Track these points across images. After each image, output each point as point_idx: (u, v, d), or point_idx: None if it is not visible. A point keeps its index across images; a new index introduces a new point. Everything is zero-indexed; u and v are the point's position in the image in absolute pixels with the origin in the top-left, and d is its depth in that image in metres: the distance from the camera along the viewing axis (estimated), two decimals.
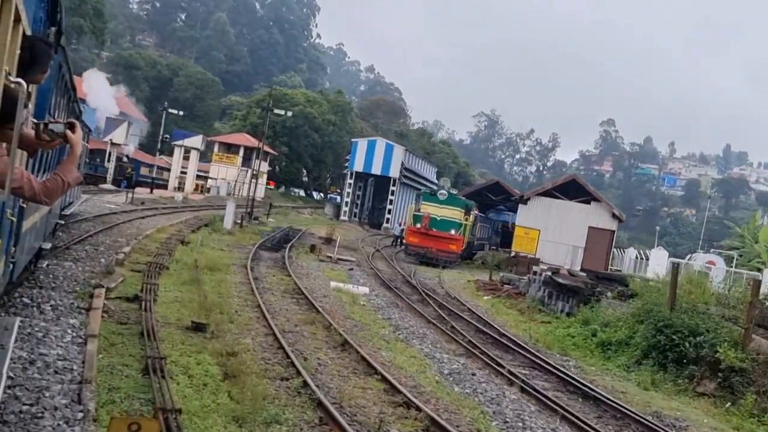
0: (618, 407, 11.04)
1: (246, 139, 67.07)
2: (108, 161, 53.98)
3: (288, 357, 10.30)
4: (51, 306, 10.63)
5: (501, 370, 12.35)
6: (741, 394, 12.49)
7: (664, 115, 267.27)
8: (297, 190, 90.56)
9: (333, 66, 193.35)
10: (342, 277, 22.84)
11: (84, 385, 7.01)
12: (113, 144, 54.47)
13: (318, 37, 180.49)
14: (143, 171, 57.17)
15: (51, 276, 13.08)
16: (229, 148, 67.73)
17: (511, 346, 15.21)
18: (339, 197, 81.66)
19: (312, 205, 78.33)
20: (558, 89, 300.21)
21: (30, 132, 3.42)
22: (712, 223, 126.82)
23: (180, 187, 56.81)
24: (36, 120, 3.69)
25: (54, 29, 6.92)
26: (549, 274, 23.27)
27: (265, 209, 49.40)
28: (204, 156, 64.95)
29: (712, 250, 60.35)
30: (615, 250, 47.18)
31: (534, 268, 26.31)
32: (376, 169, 65.14)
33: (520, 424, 9.56)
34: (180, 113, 63.89)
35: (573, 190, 43.42)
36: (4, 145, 3.16)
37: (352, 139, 71.24)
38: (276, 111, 48.95)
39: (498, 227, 58.02)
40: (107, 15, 76.94)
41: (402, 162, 65.06)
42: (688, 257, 49.41)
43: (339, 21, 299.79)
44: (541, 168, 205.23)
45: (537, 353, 14.90)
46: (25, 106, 3.15)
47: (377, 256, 35.18)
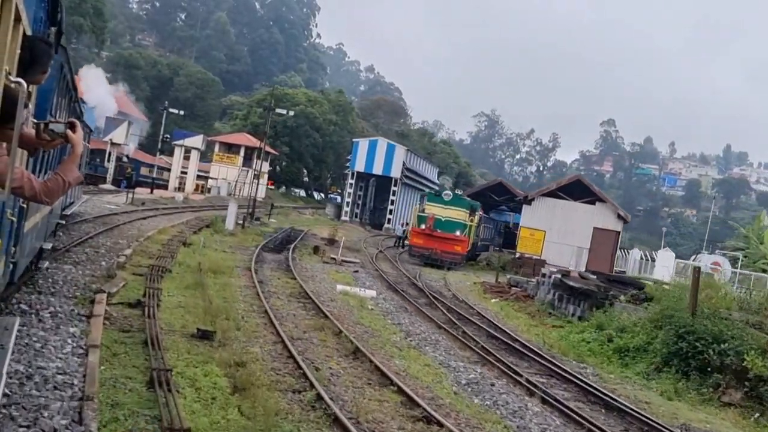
0: (645, 419, 10.54)
1: (247, 139, 66.55)
2: (108, 161, 53.47)
3: (299, 367, 9.80)
4: (50, 313, 10.14)
5: (519, 379, 11.85)
6: None
7: (664, 115, 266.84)
8: (297, 190, 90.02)
9: (333, 66, 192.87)
10: (347, 280, 22.41)
11: (85, 403, 6.51)
12: (113, 144, 53.97)
13: (318, 37, 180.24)
14: (143, 171, 56.65)
15: (50, 280, 12.60)
16: (230, 148, 67.18)
17: (526, 352, 14.73)
18: (339, 197, 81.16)
19: (313, 206, 77.84)
20: (558, 89, 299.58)
21: (30, 131, 3.42)
22: (713, 224, 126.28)
23: (180, 188, 56.33)
24: (37, 120, 3.66)
25: (54, 29, 6.84)
26: (559, 276, 22.78)
27: (266, 209, 48.89)
28: (204, 156, 64.42)
29: (717, 251, 59.90)
30: (619, 251, 46.68)
31: (542, 270, 25.80)
32: (377, 169, 64.55)
33: None
34: (180, 113, 63.41)
35: (578, 190, 42.94)
36: (4, 145, 3.16)
37: (353, 139, 70.64)
38: (278, 110, 48.45)
39: (500, 228, 57.43)
40: (107, 14, 76.50)
41: (403, 162, 64.47)
42: (692, 258, 48.95)
43: (339, 21, 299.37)
44: (542, 168, 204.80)
45: (552, 359, 14.42)
46: (26, 106, 3.16)
47: (381, 257, 34.73)
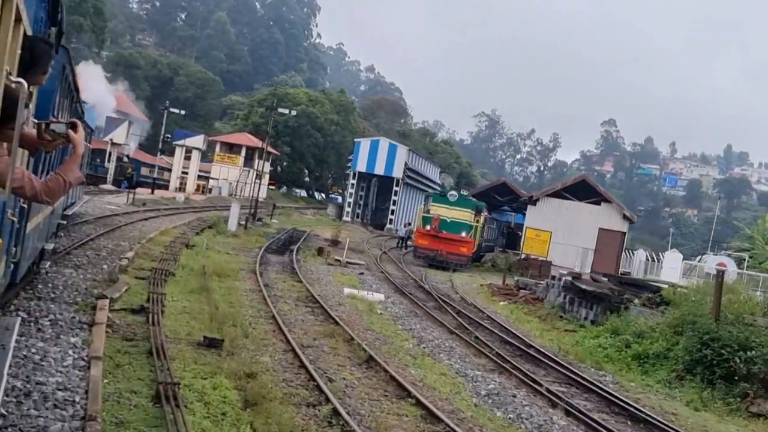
0: None
1: (248, 139, 66.02)
2: (108, 161, 52.96)
3: (312, 378, 9.31)
4: (50, 321, 9.65)
5: (539, 389, 11.36)
6: None
7: (664, 115, 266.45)
8: (299, 190, 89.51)
9: (333, 66, 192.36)
10: (354, 283, 21.94)
11: (87, 423, 6.02)
12: (114, 144, 53.46)
13: (318, 37, 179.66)
14: (144, 171, 56.16)
15: (50, 285, 12.11)
16: (231, 148, 66.63)
17: (542, 359, 14.24)
18: (341, 197, 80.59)
19: (314, 206, 77.35)
20: (559, 89, 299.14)
21: (32, 131, 3.40)
22: (714, 224, 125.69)
23: (181, 188, 55.83)
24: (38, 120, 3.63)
25: (55, 29, 6.74)
26: (569, 279, 22.28)
27: (268, 210, 48.39)
28: (205, 156, 63.91)
29: (723, 252, 59.33)
30: (623, 251, 46.17)
31: (552, 272, 25.30)
32: (379, 170, 63.98)
33: None
34: (181, 112, 62.90)
35: (583, 190, 42.47)
36: (5, 145, 3.15)
37: (354, 139, 70.10)
38: (280, 110, 47.96)
39: (503, 228, 56.89)
40: (107, 14, 76.04)
41: (405, 162, 63.88)
42: (697, 259, 48.47)
43: (339, 21, 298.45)
44: (542, 168, 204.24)
45: (569, 366, 13.94)
46: (26, 106, 3.14)
47: (385, 258, 34.25)
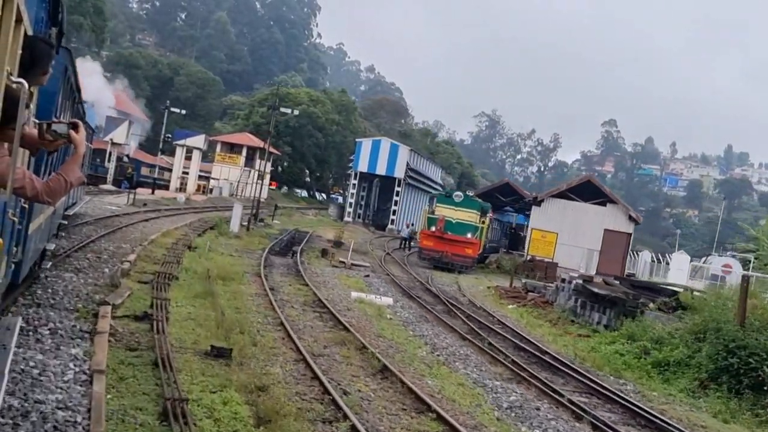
0: None
1: (249, 139, 65.53)
2: (108, 161, 52.45)
3: (326, 391, 8.81)
4: (49, 330, 9.15)
5: (561, 399, 10.87)
6: None
7: (665, 115, 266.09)
8: (299, 190, 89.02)
9: (333, 66, 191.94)
10: (360, 285, 21.47)
11: None
12: (114, 143, 52.95)
13: (318, 37, 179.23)
14: (144, 171, 55.64)
15: (50, 290, 11.61)
16: (232, 147, 66.15)
17: (559, 366, 13.75)
18: (341, 198, 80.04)
19: (315, 206, 76.88)
20: (559, 89, 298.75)
21: (33, 132, 3.38)
22: (714, 224, 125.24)
23: (182, 188, 55.32)
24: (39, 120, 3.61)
25: (55, 30, 6.62)
26: (580, 282, 21.78)
27: (270, 210, 47.90)
28: (205, 156, 63.41)
29: (727, 253, 58.80)
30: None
31: (562, 275, 24.80)
32: (380, 170, 63.46)
33: None
34: (182, 112, 62.40)
35: (588, 191, 41.98)
36: (6, 146, 3.14)
37: (356, 139, 69.59)
38: (282, 109, 47.47)
39: (506, 229, 56.39)
40: (107, 13, 75.60)
41: (407, 162, 63.37)
42: (702, 260, 47.98)
43: (339, 21, 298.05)
44: (543, 168, 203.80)
45: (587, 374, 13.46)
46: (27, 106, 3.12)
47: (389, 260, 33.78)
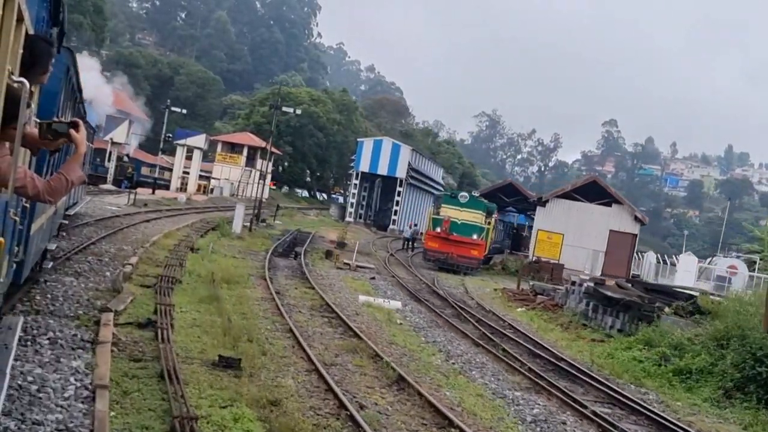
0: None
1: (250, 139, 65.06)
2: (108, 161, 51.97)
3: (342, 405, 8.32)
4: (49, 339, 8.65)
5: (585, 411, 10.39)
6: None
7: (665, 115, 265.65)
8: (300, 190, 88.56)
9: (333, 65, 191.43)
10: (367, 288, 21.02)
11: None
12: (114, 143, 52.46)
13: (319, 37, 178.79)
14: (144, 171, 55.18)
15: (49, 296, 11.12)
16: (233, 147, 65.68)
17: (577, 374, 13.26)
18: (342, 198, 79.54)
19: (316, 206, 76.40)
20: (559, 89, 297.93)
21: (34, 131, 3.38)
22: (715, 224, 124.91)
23: (182, 188, 54.84)
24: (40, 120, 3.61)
25: (56, 29, 6.54)
26: (592, 285, 21.31)
27: (271, 211, 47.39)
28: (206, 156, 62.93)
29: (732, 254, 58.35)
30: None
31: (572, 278, 24.32)
32: (382, 170, 62.95)
33: None
34: (182, 111, 61.93)
35: (593, 191, 41.53)
36: (7, 145, 3.16)
37: (358, 139, 69.10)
38: (284, 109, 46.98)
39: (510, 230, 55.92)
40: (107, 13, 75.19)
41: (409, 162, 62.88)
42: (707, 261, 47.51)
43: (339, 20, 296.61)
44: (543, 168, 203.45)
45: (607, 382, 12.98)
46: (28, 105, 3.12)
47: (393, 261, 33.29)
